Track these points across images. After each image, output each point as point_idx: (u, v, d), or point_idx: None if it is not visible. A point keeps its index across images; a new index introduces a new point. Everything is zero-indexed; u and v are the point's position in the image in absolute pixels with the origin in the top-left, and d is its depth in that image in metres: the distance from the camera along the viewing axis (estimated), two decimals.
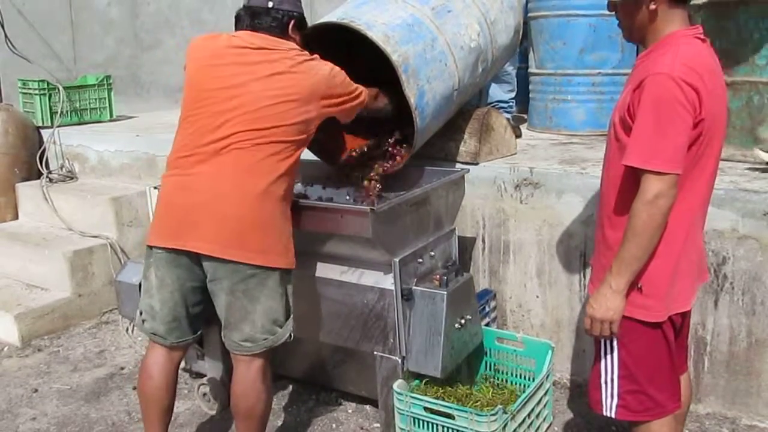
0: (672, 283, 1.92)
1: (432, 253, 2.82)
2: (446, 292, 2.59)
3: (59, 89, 5.13)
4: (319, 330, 2.82)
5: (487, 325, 3.14)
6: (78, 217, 4.50)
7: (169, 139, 2.43)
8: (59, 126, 5.06)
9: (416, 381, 2.72)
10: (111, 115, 5.50)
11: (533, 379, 2.82)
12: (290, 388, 3.22)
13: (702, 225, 2.02)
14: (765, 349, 2.77)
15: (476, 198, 3.31)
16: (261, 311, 2.32)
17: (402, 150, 2.97)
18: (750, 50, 3.12)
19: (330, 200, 2.97)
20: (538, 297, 3.26)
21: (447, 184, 2.90)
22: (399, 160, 2.95)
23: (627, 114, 1.86)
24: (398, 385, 2.61)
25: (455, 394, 2.73)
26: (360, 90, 2.55)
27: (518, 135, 4.04)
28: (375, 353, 2.70)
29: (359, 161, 3.02)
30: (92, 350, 3.80)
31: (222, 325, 2.39)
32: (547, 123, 4.33)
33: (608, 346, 2.00)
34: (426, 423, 2.55)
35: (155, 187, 3.09)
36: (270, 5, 2.41)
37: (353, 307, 2.70)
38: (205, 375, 3.12)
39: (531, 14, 4.34)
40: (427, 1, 3.01)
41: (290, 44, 2.43)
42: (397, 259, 2.60)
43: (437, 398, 2.63)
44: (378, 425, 2.88)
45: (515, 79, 4.40)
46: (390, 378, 2.67)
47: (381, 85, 2.79)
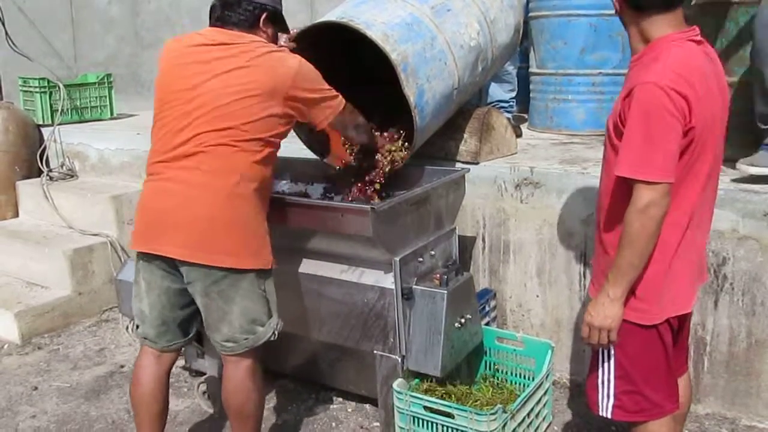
0: (666, 287, 1.92)
1: (432, 253, 2.82)
2: (446, 292, 2.59)
3: (60, 87, 5.13)
4: (319, 329, 2.82)
5: (487, 325, 3.14)
6: (78, 216, 4.51)
7: None
8: (60, 124, 5.07)
9: (416, 380, 2.72)
10: (111, 114, 5.50)
11: (533, 379, 2.82)
12: (290, 387, 3.23)
13: (704, 228, 2.00)
14: (765, 350, 2.77)
15: (477, 197, 3.30)
16: (237, 312, 2.31)
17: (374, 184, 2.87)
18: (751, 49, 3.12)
19: (330, 199, 2.97)
20: (538, 296, 3.26)
21: (447, 184, 2.90)
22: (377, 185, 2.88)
23: (619, 121, 1.86)
24: (398, 384, 2.61)
25: (455, 393, 2.73)
26: (335, 94, 2.43)
27: (519, 134, 4.04)
28: (375, 352, 2.70)
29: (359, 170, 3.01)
30: (92, 348, 3.81)
31: (204, 326, 2.40)
32: (548, 123, 4.33)
33: (605, 347, 2.01)
34: (426, 422, 2.55)
35: None
36: None
37: (353, 306, 2.70)
38: (205, 373, 3.12)
39: (532, 14, 4.33)
40: (427, 0, 3.00)
41: (254, 37, 2.34)
42: (398, 258, 2.60)
43: (438, 397, 2.63)
44: (378, 424, 2.88)
45: (516, 79, 4.39)
46: (390, 377, 2.67)
47: (381, 86, 2.78)
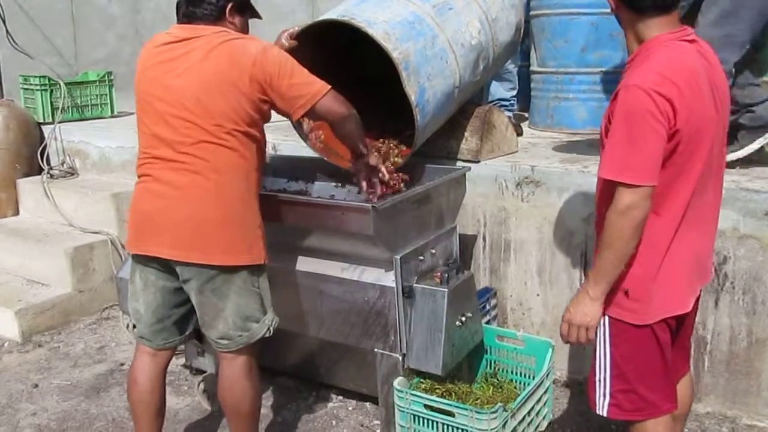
0: (658, 286, 1.91)
1: (433, 251, 2.82)
2: (447, 290, 2.59)
3: (60, 85, 5.13)
4: (320, 327, 2.82)
5: (488, 323, 3.15)
6: (79, 213, 4.51)
7: None
8: (60, 122, 5.06)
9: (417, 378, 2.72)
10: (112, 111, 5.49)
11: (533, 377, 2.82)
12: (290, 385, 3.23)
13: (704, 228, 1.99)
14: (765, 349, 2.77)
15: (477, 196, 3.30)
16: (231, 309, 2.30)
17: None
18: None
19: (332, 197, 2.97)
20: (539, 295, 3.26)
21: (448, 182, 2.90)
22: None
23: (608, 122, 1.87)
24: (399, 383, 2.61)
25: (456, 392, 2.73)
26: (315, 80, 2.27)
27: (519, 133, 4.04)
28: (375, 350, 2.70)
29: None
30: (92, 346, 3.81)
31: (199, 324, 2.40)
32: (549, 121, 4.32)
33: (602, 347, 2.01)
34: (426, 420, 2.55)
35: None
36: None
37: (354, 305, 2.70)
38: (205, 371, 3.12)
39: (533, 12, 4.33)
40: None
41: (216, 28, 2.27)
42: (399, 257, 2.59)
43: (438, 396, 2.63)
44: (378, 422, 2.88)
45: (516, 77, 4.39)
46: (390, 375, 2.67)
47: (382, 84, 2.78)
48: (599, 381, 2.03)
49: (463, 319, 2.68)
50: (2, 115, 4.86)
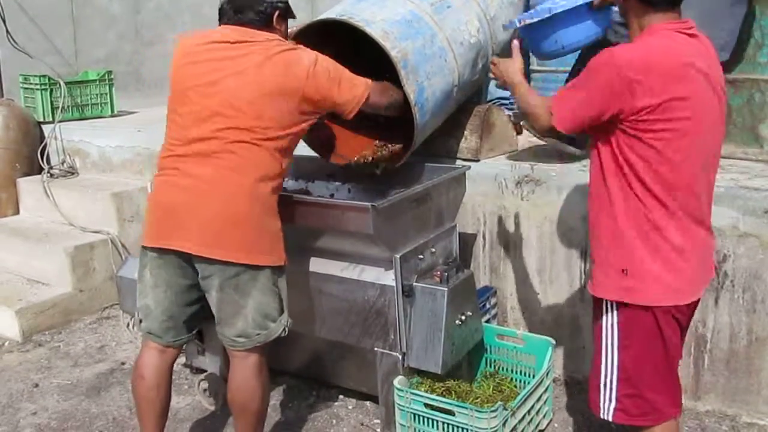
0: (659, 270, 1.91)
1: (433, 250, 2.82)
2: (447, 289, 2.60)
3: (60, 84, 5.12)
4: (320, 326, 2.82)
5: (488, 322, 3.14)
6: (79, 213, 4.51)
7: None
8: (60, 121, 5.06)
9: (416, 377, 2.72)
10: (112, 111, 5.49)
11: (533, 376, 2.82)
12: (291, 384, 3.23)
13: (699, 217, 1.98)
14: (765, 347, 2.77)
15: (477, 195, 3.30)
16: (253, 306, 2.32)
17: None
18: (751, 48, 3.13)
19: (332, 196, 2.98)
20: (539, 294, 3.26)
21: (448, 181, 2.90)
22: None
23: None
24: (399, 382, 2.62)
25: (456, 391, 2.73)
26: (359, 82, 2.42)
27: (519, 132, 4.03)
28: (375, 349, 2.70)
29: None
30: (93, 345, 3.81)
31: (215, 322, 2.39)
32: None
33: (609, 350, 2.01)
34: (426, 419, 2.55)
35: None
36: None
37: (354, 304, 2.70)
38: (206, 370, 3.12)
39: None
40: None
41: (270, 35, 2.35)
42: (398, 256, 2.60)
43: (438, 394, 2.63)
44: (378, 421, 2.89)
45: None
46: (390, 374, 2.68)
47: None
48: (605, 385, 2.02)
49: (463, 318, 2.68)
50: (2, 115, 4.86)
